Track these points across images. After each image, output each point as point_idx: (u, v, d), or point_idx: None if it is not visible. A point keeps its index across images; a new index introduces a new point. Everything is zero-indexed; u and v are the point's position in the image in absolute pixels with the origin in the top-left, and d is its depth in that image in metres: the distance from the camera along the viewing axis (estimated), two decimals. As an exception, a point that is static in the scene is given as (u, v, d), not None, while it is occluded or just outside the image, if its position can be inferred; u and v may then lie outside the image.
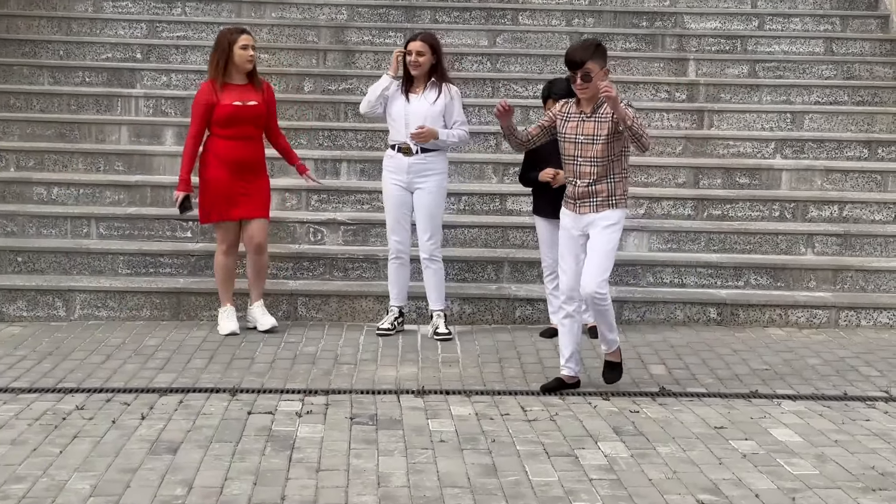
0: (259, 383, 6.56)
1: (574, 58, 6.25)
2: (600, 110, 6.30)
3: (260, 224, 7.75)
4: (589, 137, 6.31)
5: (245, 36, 7.70)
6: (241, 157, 7.64)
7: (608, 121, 6.27)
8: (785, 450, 5.48)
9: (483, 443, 5.53)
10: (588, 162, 6.33)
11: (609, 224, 6.36)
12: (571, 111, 6.42)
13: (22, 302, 8.06)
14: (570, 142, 6.38)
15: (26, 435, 5.53)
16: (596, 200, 6.37)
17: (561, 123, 6.45)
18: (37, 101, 10.22)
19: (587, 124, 6.32)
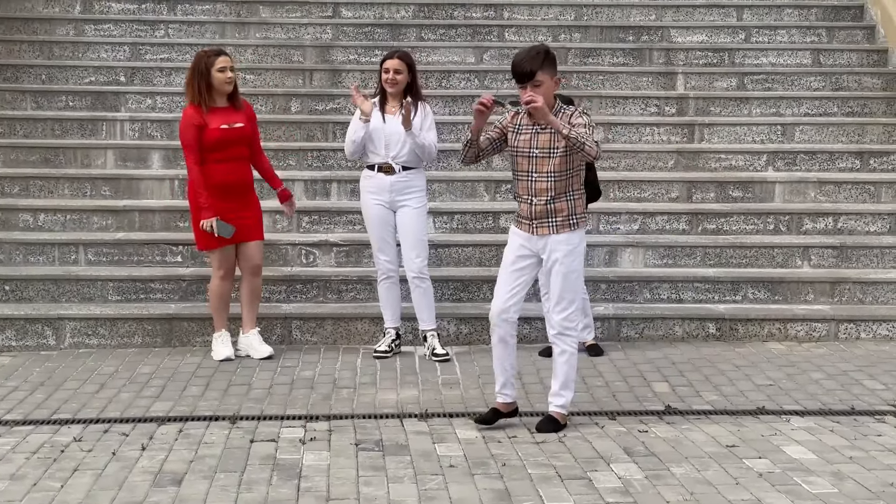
0: (259, 410, 6.43)
1: (522, 68, 5.79)
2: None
3: (257, 246, 7.65)
4: (545, 150, 5.86)
5: (222, 58, 7.55)
6: (232, 181, 7.53)
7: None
8: (800, 468, 5.40)
9: (494, 467, 5.42)
10: (545, 177, 5.89)
11: (572, 248, 5.94)
12: (524, 122, 5.96)
13: (10, 331, 7.91)
14: (523, 156, 5.93)
15: (25, 469, 5.39)
16: (556, 220, 5.92)
17: (512, 136, 5.98)
18: (20, 127, 10.08)
19: (542, 136, 5.88)
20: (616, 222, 9.17)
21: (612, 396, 6.75)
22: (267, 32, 11.64)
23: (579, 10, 12.10)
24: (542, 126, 5.87)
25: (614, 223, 9.16)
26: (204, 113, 7.49)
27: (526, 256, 6.00)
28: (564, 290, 5.93)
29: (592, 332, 7.86)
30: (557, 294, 5.94)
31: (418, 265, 7.63)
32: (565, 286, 5.93)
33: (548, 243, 5.93)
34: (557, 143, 5.83)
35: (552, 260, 5.93)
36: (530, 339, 8.08)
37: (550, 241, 5.92)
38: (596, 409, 6.45)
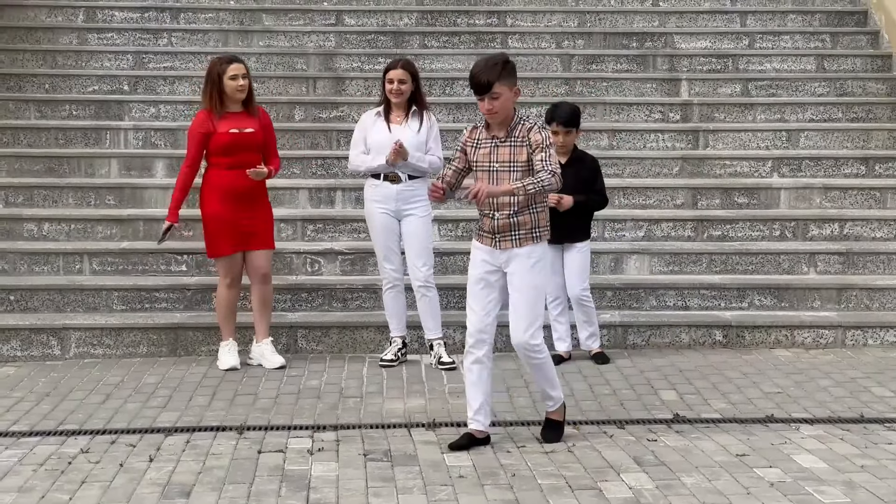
0: (265, 420, 6.41)
1: (479, 80, 5.58)
2: (515, 133, 5.71)
3: (265, 254, 7.64)
4: (505, 164, 5.70)
5: (234, 65, 7.52)
6: (242, 187, 7.51)
7: (525, 145, 5.69)
8: (812, 477, 5.37)
9: (503, 477, 5.40)
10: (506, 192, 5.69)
11: (535, 261, 5.73)
12: (482, 137, 5.78)
13: (16, 342, 7.89)
14: (483, 170, 5.74)
15: (33, 481, 5.36)
16: (519, 234, 5.72)
17: (472, 151, 5.81)
18: (24, 136, 10.07)
19: (501, 150, 5.71)
20: (621, 229, 9.15)
21: (620, 405, 6.73)
22: (270, 40, 11.63)
23: (582, 17, 12.09)
24: (500, 139, 5.72)
25: (619, 230, 9.14)
26: (215, 119, 7.47)
27: (491, 272, 5.80)
28: (528, 305, 5.72)
29: (598, 341, 7.84)
30: (521, 309, 5.73)
31: (424, 274, 7.61)
32: (528, 300, 5.71)
33: (510, 257, 5.75)
34: (518, 156, 5.68)
35: (514, 274, 5.75)
36: (537, 347, 8.04)
37: (513, 253, 5.74)
38: (604, 418, 6.43)
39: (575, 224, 7.68)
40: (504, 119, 5.70)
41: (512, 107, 5.72)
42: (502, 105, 5.63)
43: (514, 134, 5.71)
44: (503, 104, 5.64)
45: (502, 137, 5.72)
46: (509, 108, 5.69)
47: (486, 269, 5.81)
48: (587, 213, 7.78)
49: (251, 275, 7.65)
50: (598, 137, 10.19)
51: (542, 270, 5.80)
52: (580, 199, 7.61)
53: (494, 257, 5.79)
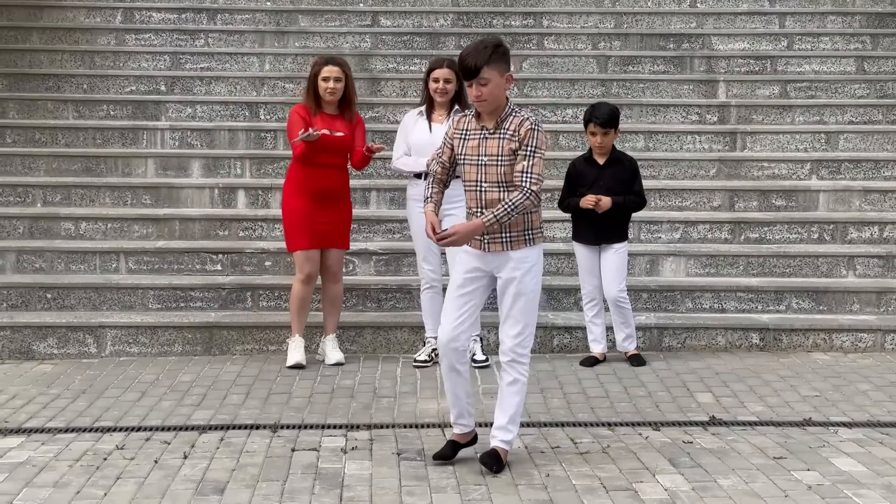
0: (299, 418, 6.41)
1: (467, 64, 5.20)
2: (506, 125, 5.30)
3: (339, 254, 7.69)
4: (493, 158, 5.28)
5: (328, 67, 7.50)
6: (323, 187, 7.52)
7: (516, 139, 5.28)
8: (851, 480, 5.31)
9: (538, 477, 5.36)
10: (496, 187, 5.31)
11: (530, 266, 5.34)
12: (471, 127, 5.38)
13: (52, 339, 7.93)
14: (471, 164, 5.35)
15: (68, 477, 5.38)
16: (510, 235, 5.33)
17: (459, 143, 5.40)
18: (62, 136, 10.13)
19: (490, 142, 5.30)
20: (657, 231, 9.09)
21: (656, 406, 6.68)
22: (306, 41, 11.65)
23: (619, 18, 12.04)
24: (490, 131, 5.32)
25: (655, 232, 9.09)
26: (311, 114, 7.50)
27: (476, 278, 5.42)
28: (520, 313, 5.35)
29: (634, 342, 7.78)
30: (512, 316, 5.37)
31: None
32: (521, 308, 5.35)
33: (502, 261, 5.36)
34: (507, 148, 5.28)
35: (506, 279, 5.36)
36: (571, 349, 8.02)
37: (504, 257, 5.35)
38: (639, 420, 6.38)
39: (612, 225, 7.64)
40: (494, 108, 5.28)
41: (503, 95, 5.30)
42: (491, 92, 5.22)
43: (505, 125, 5.29)
44: (492, 91, 5.22)
45: (492, 128, 5.31)
46: (500, 97, 5.27)
47: (471, 276, 5.42)
48: (625, 214, 7.73)
49: (322, 273, 7.67)
50: (635, 139, 10.13)
51: (537, 277, 5.39)
52: (618, 200, 7.58)
53: (484, 261, 5.40)
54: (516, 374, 5.44)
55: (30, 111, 10.47)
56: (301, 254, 7.58)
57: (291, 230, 7.61)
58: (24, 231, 8.99)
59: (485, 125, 5.34)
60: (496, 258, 5.37)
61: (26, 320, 7.99)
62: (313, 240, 7.55)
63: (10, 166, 9.73)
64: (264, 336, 8.00)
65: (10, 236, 8.96)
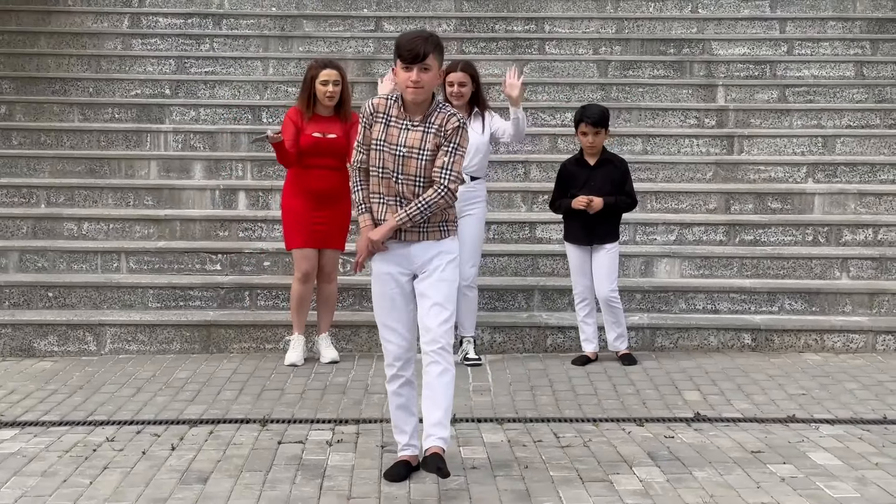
0: (289, 413, 6.51)
1: (415, 47, 5.01)
2: (431, 118, 5.14)
3: (334, 255, 7.78)
4: (414, 150, 5.12)
5: (326, 71, 7.61)
6: (320, 188, 7.63)
7: (439, 134, 5.14)
8: (824, 473, 5.37)
9: (516, 469, 5.45)
10: (411, 181, 5.15)
11: (450, 259, 5.22)
12: (392, 114, 5.16)
13: (53, 337, 8.06)
14: (389, 153, 5.13)
15: (56, 467, 5.50)
16: (427, 227, 5.20)
17: (379, 128, 5.16)
18: (67, 138, 10.29)
19: (412, 133, 5.13)
20: (653, 233, 9.17)
21: (642, 403, 6.75)
22: (310, 46, 11.78)
23: (620, 24, 12.13)
24: (413, 122, 5.14)
25: (651, 234, 9.16)
26: (305, 118, 7.61)
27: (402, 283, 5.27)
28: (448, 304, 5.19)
29: (626, 342, 7.85)
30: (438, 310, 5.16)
31: (472, 274, 7.65)
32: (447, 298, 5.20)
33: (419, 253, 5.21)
34: (428, 143, 5.14)
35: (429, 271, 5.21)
36: (564, 349, 8.09)
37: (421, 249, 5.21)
38: (624, 416, 6.45)
39: (604, 226, 7.72)
40: (425, 99, 5.12)
41: (433, 89, 5.18)
42: (429, 81, 5.07)
43: (431, 120, 5.14)
44: (430, 80, 5.08)
45: (417, 121, 5.14)
46: (432, 88, 5.14)
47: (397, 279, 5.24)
48: (616, 214, 7.81)
49: (318, 274, 7.78)
50: (633, 142, 10.22)
51: (456, 269, 5.26)
52: (609, 200, 7.65)
53: (400, 257, 5.22)
54: (447, 364, 5.20)
55: (36, 114, 10.63)
56: (298, 252, 7.69)
57: (289, 229, 7.73)
58: (28, 231, 9.14)
59: (409, 116, 5.15)
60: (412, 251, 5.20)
61: (28, 318, 8.13)
62: (309, 239, 7.66)
63: (15, 168, 9.88)
64: (261, 334, 8.11)
65: (13, 236, 9.11)
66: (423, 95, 5.09)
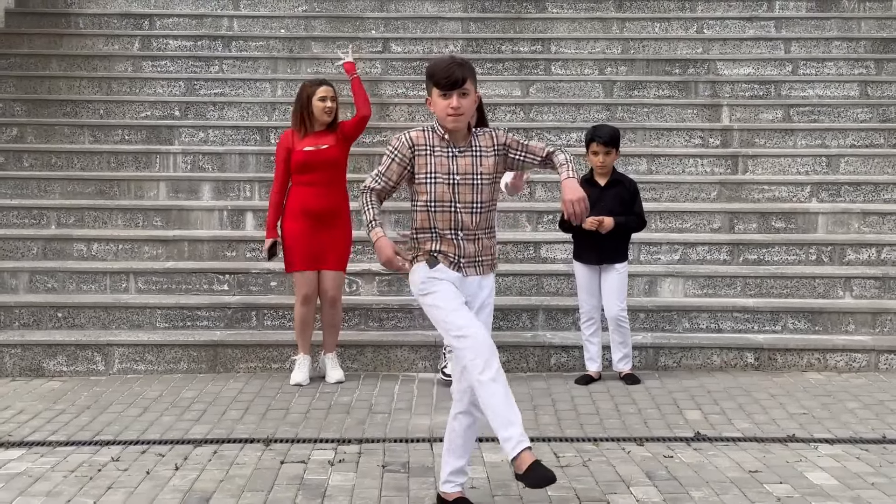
0: (293, 433, 6.58)
1: (453, 73, 4.89)
2: (476, 142, 5.04)
3: (334, 276, 7.82)
4: (468, 176, 4.99)
5: (324, 88, 7.79)
6: (319, 207, 7.71)
7: (491, 155, 5.05)
8: (820, 493, 5.42)
9: (514, 489, 5.50)
10: (468, 207, 5.01)
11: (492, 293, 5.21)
12: (435, 143, 5.01)
13: (62, 357, 8.15)
14: (442, 182, 4.98)
15: (61, 487, 5.58)
16: (483, 260, 5.10)
17: (425, 158, 4.99)
18: (77, 160, 10.41)
19: (462, 160, 5.00)
20: (657, 252, 9.23)
21: (644, 423, 6.80)
22: (318, 67, 11.88)
23: (626, 44, 12.21)
24: (461, 147, 5.02)
25: (655, 253, 9.22)
26: (298, 138, 7.76)
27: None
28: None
29: (630, 364, 7.89)
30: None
31: None
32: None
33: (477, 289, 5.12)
34: (481, 166, 5.02)
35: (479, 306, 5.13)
36: (567, 368, 8.15)
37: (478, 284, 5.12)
38: (625, 436, 6.51)
39: (614, 245, 7.78)
40: (465, 126, 5.02)
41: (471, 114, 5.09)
42: (469, 106, 4.97)
43: (476, 143, 5.05)
44: (469, 106, 4.98)
45: (462, 146, 5.02)
46: (471, 114, 5.05)
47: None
48: (626, 234, 7.87)
49: (321, 296, 7.85)
50: (637, 162, 10.29)
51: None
52: (620, 220, 7.72)
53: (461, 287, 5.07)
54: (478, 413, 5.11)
55: (47, 136, 10.76)
56: (297, 275, 7.78)
57: (287, 252, 7.82)
58: (38, 252, 9.25)
59: (452, 142, 5.01)
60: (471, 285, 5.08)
61: (37, 338, 8.22)
62: (306, 261, 7.74)
63: (26, 189, 10.00)
64: (268, 354, 8.19)
65: (24, 257, 9.22)
66: (464, 122, 4.98)
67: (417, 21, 12.61)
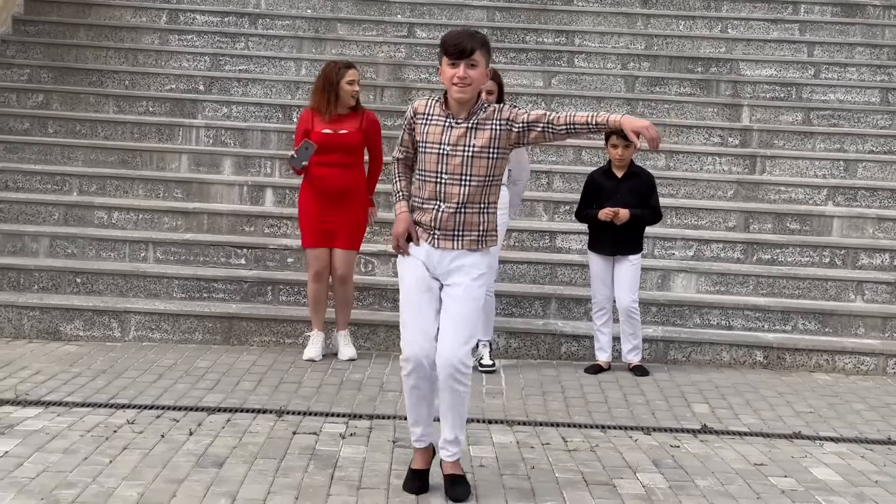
0: (305, 406, 6.67)
1: (462, 42, 4.84)
2: (477, 116, 4.95)
3: (344, 255, 7.87)
4: (458, 148, 4.92)
5: (352, 71, 7.86)
6: (333, 187, 7.79)
7: (489, 128, 4.94)
8: (824, 488, 5.49)
9: (523, 469, 5.59)
10: (456, 180, 4.94)
11: (479, 274, 5.01)
12: (434, 112, 4.98)
13: (79, 321, 8.25)
14: (431, 152, 4.95)
15: (78, 445, 5.68)
16: (463, 235, 5.02)
17: (421, 127, 5.00)
18: (101, 129, 10.50)
19: (456, 130, 4.92)
20: (671, 248, 9.30)
21: (651, 414, 6.88)
22: (343, 49, 11.96)
23: (650, 40, 12.27)
24: (458, 119, 4.95)
25: (669, 248, 9.29)
26: (320, 119, 7.82)
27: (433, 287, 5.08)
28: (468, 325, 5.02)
29: (639, 355, 7.97)
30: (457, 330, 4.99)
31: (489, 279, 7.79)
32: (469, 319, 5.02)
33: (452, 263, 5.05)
34: (476, 139, 4.93)
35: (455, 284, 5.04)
36: (578, 357, 8.22)
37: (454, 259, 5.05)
38: (633, 424, 6.59)
39: (628, 237, 7.86)
40: (471, 98, 4.92)
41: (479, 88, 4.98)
42: (477, 78, 4.88)
43: (476, 118, 4.95)
44: (479, 77, 4.89)
45: (461, 119, 4.95)
46: (479, 87, 4.94)
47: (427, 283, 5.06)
48: (641, 227, 7.95)
49: (332, 274, 7.93)
50: (656, 158, 10.35)
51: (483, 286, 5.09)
52: (636, 212, 7.79)
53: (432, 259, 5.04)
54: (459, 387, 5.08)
55: (72, 104, 10.85)
56: (310, 252, 7.88)
57: (301, 228, 7.93)
58: (60, 217, 9.35)
59: (451, 112, 4.95)
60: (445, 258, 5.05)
61: (55, 302, 8.32)
62: (317, 238, 7.82)
63: (50, 155, 10.10)
64: (282, 329, 8.28)
65: (45, 222, 9.32)
66: (470, 93, 4.88)
67: (443, 7, 12.67)
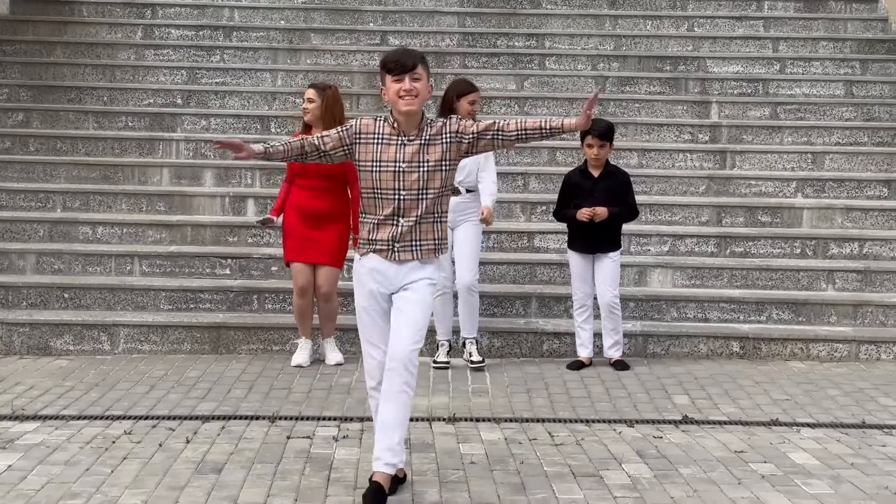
0: (297, 411, 6.83)
1: (404, 58, 5.05)
2: (427, 132, 5.11)
3: (326, 272, 8.00)
4: (414, 165, 5.07)
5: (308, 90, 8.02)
6: (312, 208, 7.93)
7: (440, 143, 5.12)
8: (802, 472, 5.71)
9: (512, 464, 5.78)
10: (413, 195, 5.09)
11: (432, 282, 5.23)
12: (384, 132, 5.11)
13: (69, 336, 8.38)
14: (387, 171, 5.06)
15: (79, 456, 5.83)
16: (421, 245, 5.18)
17: (372, 148, 5.10)
18: (82, 145, 10.63)
19: (409, 148, 5.07)
20: (647, 244, 9.51)
21: (633, 406, 7.08)
22: (317, 59, 12.13)
23: (619, 41, 12.49)
24: (410, 136, 5.10)
25: (645, 245, 9.50)
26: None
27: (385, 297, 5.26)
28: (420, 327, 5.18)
29: (620, 350, 8.16)
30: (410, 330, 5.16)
31: (470, 279, 7.97)
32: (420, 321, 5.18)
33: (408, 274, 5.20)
34: (429, 154, 5.10)
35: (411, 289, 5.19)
36: (559, 354, 8.42)
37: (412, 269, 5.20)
38: (616, 417, 6.78)
39: (606, 235, 8.06)
40: (417, 111, 5.08)
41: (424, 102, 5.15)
42: (422, 91, 5.07)
43: (426, 133, 5.12)
44: (423, 90, 5.07)
45: (412, 135, 5.10)
46: (425, 100, 5.12)
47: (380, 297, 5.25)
48: (618, 224, 8.15)
49: (316, 290, 8.07)
50: (628, 156, 10.56)
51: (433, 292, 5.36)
52: (613, 211, 7.99)
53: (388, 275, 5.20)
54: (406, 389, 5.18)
55: (52, 122, 10.98)
56: (293, 266, 8.04)
57: (284, 244, 8.10)
58: (45, 234, 9.48)
59: (402, 131, 5.11)
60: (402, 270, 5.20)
61: (45, 318, 8.46)
62: (301, 254, 7.98)
63: (32, 173, 10.23)
64: (269, 336, 8.44)
65: (31, 239, 9.45)
66: (417, 105, 5.05)
67: (415, 14, 12.86)
